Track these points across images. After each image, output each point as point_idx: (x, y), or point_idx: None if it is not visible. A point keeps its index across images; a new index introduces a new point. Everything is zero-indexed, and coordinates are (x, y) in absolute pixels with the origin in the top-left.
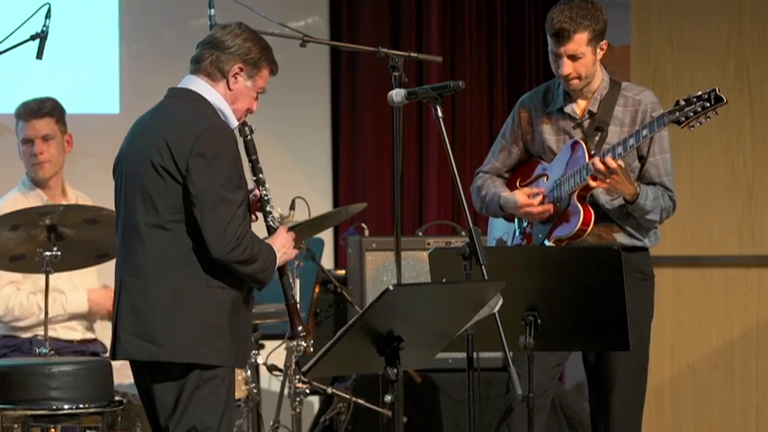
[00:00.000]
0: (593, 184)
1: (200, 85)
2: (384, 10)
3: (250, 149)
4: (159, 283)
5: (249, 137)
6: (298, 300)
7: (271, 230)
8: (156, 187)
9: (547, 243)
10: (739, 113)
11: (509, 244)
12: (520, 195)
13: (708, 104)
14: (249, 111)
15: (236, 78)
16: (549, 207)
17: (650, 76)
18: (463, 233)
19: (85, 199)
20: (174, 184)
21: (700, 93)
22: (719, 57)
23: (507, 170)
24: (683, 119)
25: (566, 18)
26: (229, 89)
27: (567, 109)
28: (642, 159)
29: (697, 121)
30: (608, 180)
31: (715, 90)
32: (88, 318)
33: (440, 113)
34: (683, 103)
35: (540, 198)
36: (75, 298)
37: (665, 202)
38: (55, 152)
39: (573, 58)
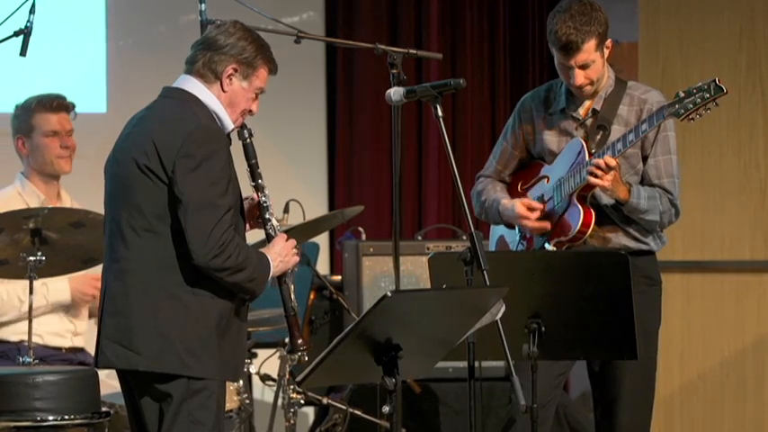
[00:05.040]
0: (593, 181)
1: (194, 86)
2: (382, 5)
3: (249, 153)
4: (143, 289)
5: (248, 140)
6: (295, 302)
7: (270, 238)
8: (141, 189)
9: (547, 246)
10: (751, 112)
11: (511, 246)
12: (519, 206)
13: (708, 95)
14: (249, 112)
15: (230, 80)
16: (546, 225)
17: (659, 74)
18: (464, 237)
19: (78, 205)
20: (160, 185)
21: (700, 84)
22: (731, 54)
23: (509, 173)
24: (683, 111)
25: (571, 30)
26: (223, 91)
27: (571, 110)
28: (645, 160)
29: (697, 113)
30: (607, 177)
31: (715, 80)
32: (71, 308)
33: (440, 113)
34: (682, 94)
35: (538, 213)
36: (57, 287)
37: (664, 205)
38: (76, 147)
39: (584, 67)
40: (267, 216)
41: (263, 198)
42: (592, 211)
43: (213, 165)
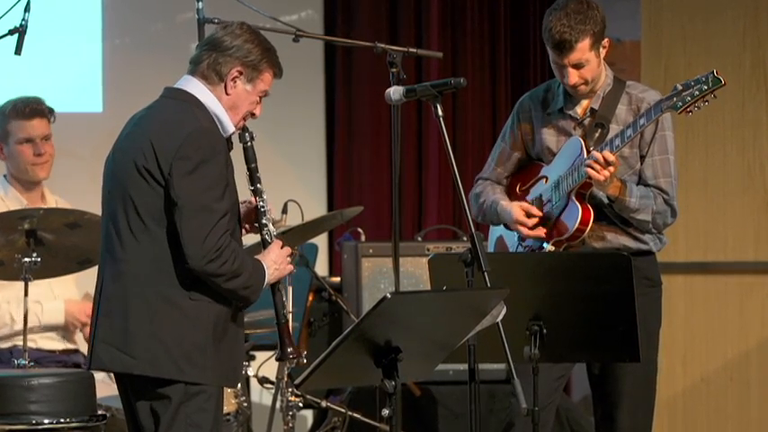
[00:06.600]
0: (591, 173)
1: (195, 87)
2: (381, 3)
3: (249, 157)
4: (139, 292)
5: (249, 143)
6: (290, 308)
7: (266, 244)
8: (138, 190)
9: (546, 246)
10: (756, 112)
11: (510, 246)
12: (517, 210)
13: (706, 87)
14: (251, 115)
15: (234, 82)
16: (541, 233)
17: (661, 73)
18: (464, 238)
19: (65, 205)
20: (157, 187)
21: (698, 76)
22: (735, 53)
23: (508, 174)
24: (681, 104)
25: (565, 28)
26: (227, 93)
27: (569, 110)
28: (643, 160)
29: (695, 106)
30: (604, 172)
31: (713, 72)
32: (63, 330)
33: (440, 112)
34: (680, 87)
35: (535, 220)
36: (52, 308)
37: (659, 205)
38: (53, 153)
39: (577, 66)
40: (264, 221)
41: (261, 203)
42: (590, 209)
43: (210, 168)
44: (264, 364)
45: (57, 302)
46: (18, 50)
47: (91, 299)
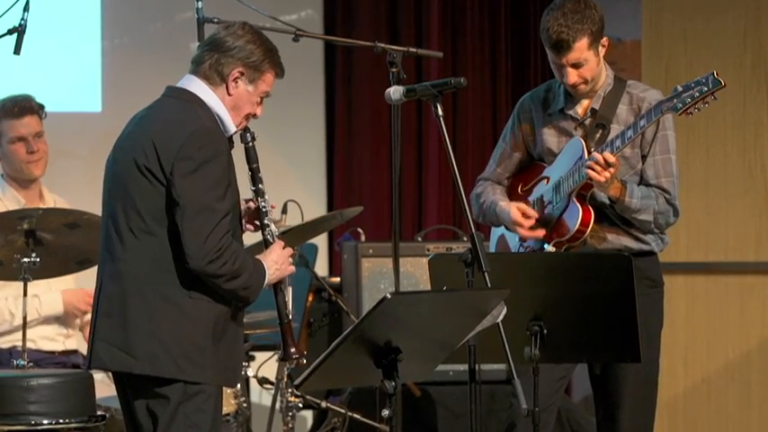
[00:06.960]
0: (592, 174)
1: (198, 86)
2: (381, 3)
3: (251, 157)
4: (138, 291)
5: (250, 144)
6: (291, 309)
7: (267, 244)
8: (139, 189)
9: (546, 246)
10: (757, 112)
11: (511, 245)
12: (514, 211)
13: (706, 89)
14: (253, 116)
15: (236, 83)
16: (540, 233)
17: (662, 73)
18: (465, 238)
19: (63, 203)
20: (158, 186)
21: (698, 77)
22: (736, 53)
23: (509, 175)
24: (681, 105)
25: (562, 27)
26: (229, 94)
27: (569, 110)
28: (645, 160)
29: (695, 107)
30: (605, 173)
31: (713, 74)
32: (63, 320)
33: (440, 112)
34: (680, 89)
35: (532, 222)
36: (50, 299)
37: (660, 205)
38: (47, 149)
39: (576, 66)
40: (266, 221)
41: (263, 203)
42: (591, 210)
43: (212, 168)
44: (264, 365)
45: (54, 293)
46: (17, 50)
47: (86, 288)
